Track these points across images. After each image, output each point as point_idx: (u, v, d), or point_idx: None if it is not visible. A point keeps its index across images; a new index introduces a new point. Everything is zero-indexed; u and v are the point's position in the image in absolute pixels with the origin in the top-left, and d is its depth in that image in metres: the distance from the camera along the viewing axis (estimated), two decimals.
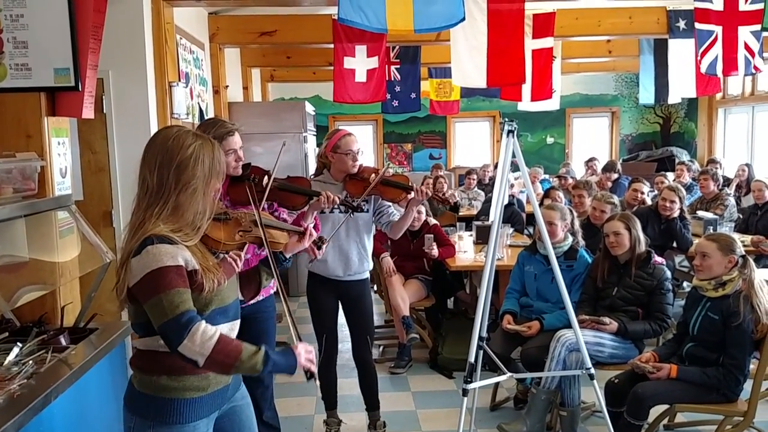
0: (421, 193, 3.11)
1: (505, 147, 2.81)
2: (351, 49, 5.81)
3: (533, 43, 5.81)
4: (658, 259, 3.71)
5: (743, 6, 5.18)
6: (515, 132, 2.78)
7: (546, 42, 5.89)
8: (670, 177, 7.58)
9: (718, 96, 10.19)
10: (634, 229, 3.62)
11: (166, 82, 4.69)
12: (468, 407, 3.00)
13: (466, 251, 5.13)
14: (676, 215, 5.11)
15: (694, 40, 5.46)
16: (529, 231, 6.14)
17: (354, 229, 3.29)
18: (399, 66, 7.31)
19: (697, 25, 5.37)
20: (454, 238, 5.41)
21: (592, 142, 12.06)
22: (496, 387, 4.03)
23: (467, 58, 5.05)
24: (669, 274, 3.65)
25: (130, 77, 4.40)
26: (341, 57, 5.81)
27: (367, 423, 3.60)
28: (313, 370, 1.80)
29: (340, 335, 3.52)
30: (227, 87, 6.77)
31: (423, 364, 4.78)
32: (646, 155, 11.31)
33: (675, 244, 5.18)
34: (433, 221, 5.14)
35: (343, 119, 11.50)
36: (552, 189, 6.61)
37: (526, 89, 6.15)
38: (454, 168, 11.45)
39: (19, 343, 2.26)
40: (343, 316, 3.46)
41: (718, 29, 5.29)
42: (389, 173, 3.26)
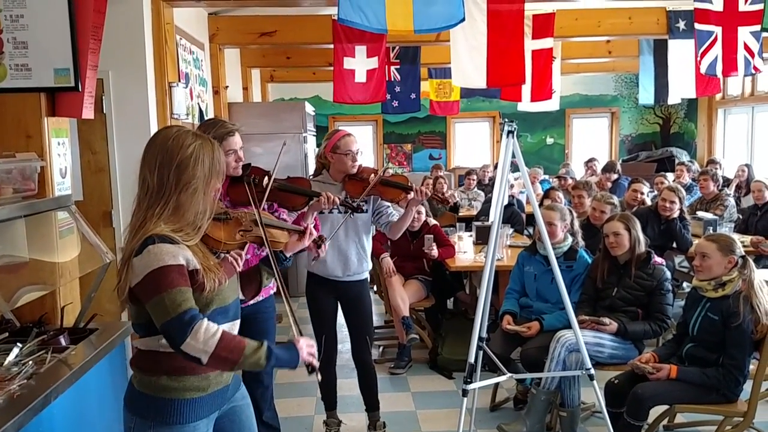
0: (421, 194, 3.11)
1: (504, 147, 2.82)
2: (351, 49, 5.81)
3: (533, 44, 5.81)
4: (658, 259, 3.71)
5: (743, 6, 5.18)
6: (515, 132, 2.79)
7: (546, 42, 5.89)
8: (670, 177, 7.58)
9: (718, 96, 10.18)
10: (633, 230, 3.62)
11: (166, 82, 4.69)
12: (468, 408, 3.00)
13: (465, 252, 5.14)
14: (676, 216, 5.12)
15: (694, 41, 5.46)
16: (529, 231, 6.13)
17: (353, 230, 3.29)
18: (399, 66, 7.30)
19: (697, 26, 5.36)
20: (453, 238, 5.41)
21: (592, 142, 12.06)
22: (496, 387, 4.03)
23: (467, 58, 5.05)
24: (669, 274, 3.64)
25: (130, 77, 4.40)
26: (341, 57, 5.81)
27: (367, 423, 3.60)
28: (315, 365, 1.79)
29: (339, 336, 3.52)
30: (227, 87, 6.76)
31: (423, 364, 4.78)
32: (646, 156, 11.32)
33: (675, 245, 5.18)
34: (432, 222, 5.14)
35: (343, 120, 11.49)
36: (552, 189, 6.60)
37: (526, 90, 6.15)
38: (453, 168, 11.45)
39: (19, 344, 2.26)
40: (342, 316, 3.46)
41: (718, 30, 5.29)
42: (389, 173, 3.26)
